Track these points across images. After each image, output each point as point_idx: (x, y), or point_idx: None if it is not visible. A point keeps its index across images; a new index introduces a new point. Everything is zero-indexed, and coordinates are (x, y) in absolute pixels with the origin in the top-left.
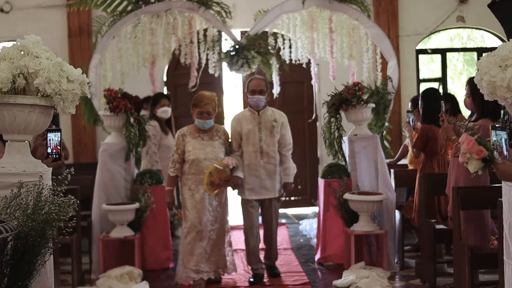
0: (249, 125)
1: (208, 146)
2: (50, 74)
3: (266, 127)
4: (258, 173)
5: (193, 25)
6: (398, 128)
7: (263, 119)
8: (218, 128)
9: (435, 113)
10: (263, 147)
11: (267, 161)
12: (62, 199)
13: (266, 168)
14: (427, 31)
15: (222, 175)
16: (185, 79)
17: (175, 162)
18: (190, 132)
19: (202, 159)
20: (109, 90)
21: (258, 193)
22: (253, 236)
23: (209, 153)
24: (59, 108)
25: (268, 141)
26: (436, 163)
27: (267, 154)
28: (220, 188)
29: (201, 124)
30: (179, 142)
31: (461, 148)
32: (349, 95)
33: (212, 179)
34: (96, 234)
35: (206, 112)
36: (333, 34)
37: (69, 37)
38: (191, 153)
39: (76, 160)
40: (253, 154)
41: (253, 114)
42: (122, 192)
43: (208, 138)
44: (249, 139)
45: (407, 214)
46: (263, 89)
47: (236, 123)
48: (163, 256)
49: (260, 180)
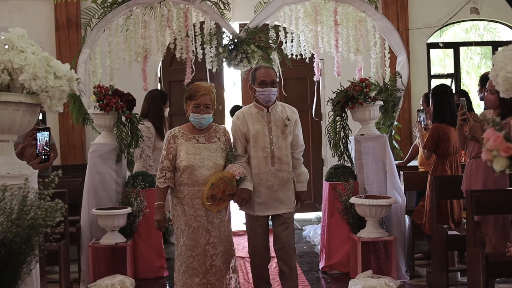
0: (257, 125)
1: (205, 150)
2: (36, 70)
3: (277, 126)
4: (270, 183)
5: (189, 18)
6: (407, 128)
7: (274, 117)
8: (217, 128)
9: (447, 111)
10: (274, 151)
11: (279, 168)
12: (49, 204)
13: (278, 177)
14: (439, 23)
15: (227, 188)
16: (181, 75)
17: (166, 170)
18: (183, 133)
19: (198, 167)
20: (99, 86)
21: (270, 207)
22: (263, 262)
23: (205, 159)
24: (46, 106)
25: (280, 144)
26: (449, 165)
27: (279, 160)
28: (223, 203)
29: (197, 119)
30: (170, 145)
31: (486, 144)
32: (356, 92)
33: (214, 192)
34: (85, 241)
35: (203, 105)
36: (338, 27)
37: (56, 30)
38: (184, 159)
39: (64, 162)
40: (262, 160)
41: (261, 111)
42: (113, 196)
43: (204, 140)
44: (258, 142)
45: (417, 220)
46: (274, 80)
47: (241, 123)
48: (157, 264)
49: (271, 191)
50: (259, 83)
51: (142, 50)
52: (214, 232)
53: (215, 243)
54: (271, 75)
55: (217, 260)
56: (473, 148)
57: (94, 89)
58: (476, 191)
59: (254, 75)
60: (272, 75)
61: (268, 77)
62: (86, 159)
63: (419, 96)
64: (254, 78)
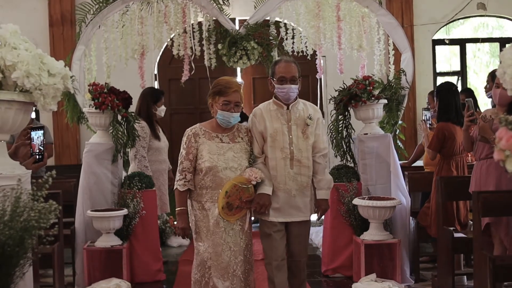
0: (276, 123)
1: (229, 150)
2: (30, 67)
3: (297, 125)
4: (288, 187)
5: (187, 13)
6: (412, 127)
7: (294, 115)
8: (239, 127)
9: (452, 109)
10: (294, 152)
11: (298, 171)
12: (42, 205)
13: (297, 181)
14: (445, 19)
15: (244, 194)
16: (182, 73)
17: (186, 171)
18: (205, 131)
19: (222, 168)
20: (94, 84)
21: (285, 213)
22: (280, 271)
23: (230, 160)
24: (39, 104)
25: (300, 145)
26: (454, 165)
27: (298, 162)
28: (241, 212)
29: (226, 118)
30: (190, 144)
31: (498, 144)
32: (359, 90)
33: (230, 201)
34: (80, 244)
35: (234, 103)
36: (341, 23)
37: (50, 26)
38: (207, 159)
39: (58, 162)
40: (281, 161)
41: (280, 108)
42: (108, 197)
43: (228, 140)
44: (276, 141)
45: (422, 222)
46: (294, 76)
47: (259, 120)
48: (154, 268)
49: (289, 196)
50: (278, 79)
51: (139, 46)
52: (234, 240)
53: (236, 251)
54: (292, 71)
55: (238, 270)
56: (482, 149)
57: (89, 87)
58: (483, 192)
59: (274, 69)
60: (293, 71)
61: (288, 73)
62: (80, 159)
63: (424, 94)
64: (273, 72)
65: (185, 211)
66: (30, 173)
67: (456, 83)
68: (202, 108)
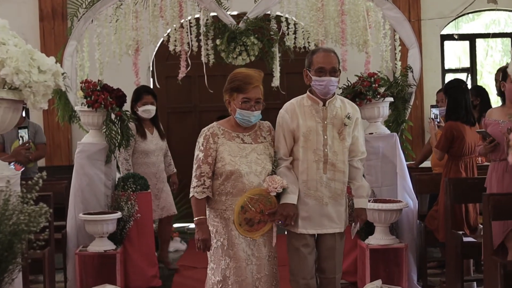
0: (310, 121)
1: (252, 151)
2: (19, 64)
3: (334, 125)
4: (319, 194)
5: (184, 7)
6: (420, 126)
7: (331, 113)
8: (261, 125)
9: (462, 108)
10: (328, 155)
11: (332, 176)
12: (32, 208)
13: (330, 187)
14: (454, 14)
15: (265, 207)
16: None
17: (204, 176)
18: (224, 130)
19: (245, 172)
20: (86, 82)
21: (316, 224)
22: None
23: (253, 163)
24: (29, 102)
25: (336, 147)
26: (463, 166)
27: (333, 167)
28: (265, 226)
29: (246, 117)
30: (209, 146)
31: None
32: (364, 88)
33: (249, 216)
34: (72, 248)
35: (254, 100)
36: (344, 18)
37: (40, 20)
38: (228, 162)
39: (49, 163)
40: (313, 165)
41: (315, 104)
42: (101, 199)
43: (251, 140)
44: (309, 142)
45: (430, 225)
46: (335, 67)
47: (291, 116)
48: (149, 273)
49: (320, 204)
50: (316, 70)
51: (134, 42)
52: (257, 253)
53: (259, 265)
54: (332, 61)
55: (262, 286)
56: (503, 150)
57: (81, 84)
58: (494, 194)
59: (311, 59)
60: (333, 61)
61: (327, 64)
62: (72, 160)
63: (432, 92)
64: (310, 63)
65: (205, 221)
66: (19, 175)
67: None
68: (201, 106)
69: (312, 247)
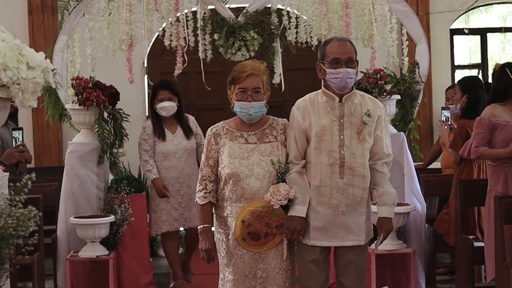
0: (324, 119)
1: (255, 152)
2: (7, 59)
3: (352, 124)
4: (334, 201)
5: (180, 0)
6: (428, 125)
7: (348, 109)
8: (274, 123)
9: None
10: (345, 157)
11: (350, 181)
12: (21, 211)
13: (348, 194)
14: (464, 7)
15: (271, 218)
16: (175, 65)
17: (206, 180)
18: (227, 129)
19: (244, 176)
20: (78, 78)
21: (331, 235)
22: None
23: (255, 165)
24: (18, 100)
25: (354, 149)
26: (477, 167)
27: (351, 171)
28: (274, 238)
29: (244, 109)
30: (210, 147)
31: None
32: (369, 85)
33: (253, 230)
34: (62, 254)
35: (251, 89)
36: (349, 11)
37: (29, 14)
38: (226, 165)
39: (38, 164)
40: (327, 168)
41: (331, 100)
42: (93, 202)
43: (255, 140)
44: (322, 142)
45: (439, 229)
46: (352, 57)
47: (303, 114)
48: (144, 280)
49: (336, 213)
50: (330, 62)
51: (127, 37)
52: (263, 265)
53: (265, 278)
54: (347, 51)
55: None
56: None
57: (72, 81)
58: (506, 197)
59: (324, 50)
60: (349, 51)
61: (343, 54)
62: (63, 161)
63: (441, 89)
64: (323, 54)
65: (209, 229)
66: (7, 176)
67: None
68: (198, 104)
69: (326, 262)
